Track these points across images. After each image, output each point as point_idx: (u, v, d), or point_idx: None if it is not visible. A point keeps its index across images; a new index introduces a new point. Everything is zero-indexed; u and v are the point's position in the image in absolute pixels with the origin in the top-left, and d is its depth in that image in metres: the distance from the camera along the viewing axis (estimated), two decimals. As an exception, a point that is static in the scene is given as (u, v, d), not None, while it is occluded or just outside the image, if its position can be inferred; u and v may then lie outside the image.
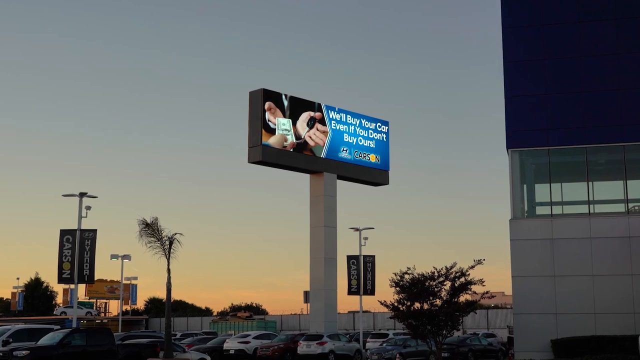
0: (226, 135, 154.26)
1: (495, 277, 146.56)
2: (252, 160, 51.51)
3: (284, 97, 52.56)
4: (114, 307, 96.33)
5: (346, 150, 55.63)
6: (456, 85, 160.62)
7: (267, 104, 51.37)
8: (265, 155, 50.97)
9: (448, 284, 34.21)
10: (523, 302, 31.46)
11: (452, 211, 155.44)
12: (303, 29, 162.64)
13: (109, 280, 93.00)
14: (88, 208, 40.70)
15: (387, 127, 59.06)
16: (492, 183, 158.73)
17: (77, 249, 39.58)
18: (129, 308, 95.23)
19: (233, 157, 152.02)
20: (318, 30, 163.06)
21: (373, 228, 53.99)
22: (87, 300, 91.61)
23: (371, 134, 57.68)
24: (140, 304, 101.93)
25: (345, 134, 55.80)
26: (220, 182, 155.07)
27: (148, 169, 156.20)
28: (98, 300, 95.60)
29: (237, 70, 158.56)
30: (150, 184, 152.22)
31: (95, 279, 43.89)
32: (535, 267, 31.44)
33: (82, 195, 40.52)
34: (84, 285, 75.91)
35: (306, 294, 70.81)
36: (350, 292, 54.25)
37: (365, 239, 53.67)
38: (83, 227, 40.28)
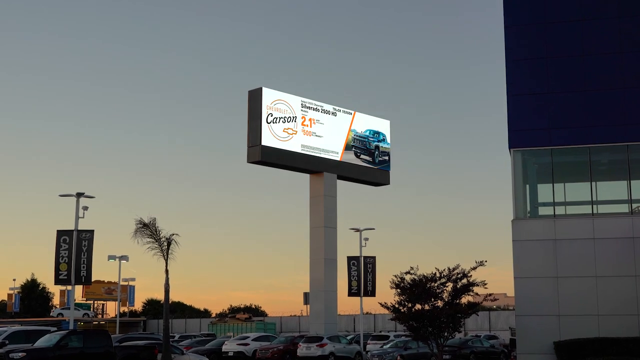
0: (226, 135, 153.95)
1: (497, 278, 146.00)
2: (251, 160, 51.23)
3: (283, 96, 52.23)
4: (112, 309, 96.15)
5: (347, 150, 55.29)
6: (456, 85, 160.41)
7: (266, 104, 51.04)
8: (264, 155, 50.66)
9: (450, 285, 33.95)
10: (525, 303, 31.11)
11: (454, 211, 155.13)
12: (303, 29, 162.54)
13: (106, 281, 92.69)
14: (85, 208, 40.33)
15: (387, 127, 58.77)
16: (494, 183, 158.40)
17: (74, 249, 39.19)
18: (126, 310, 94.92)
19: (233, 157, 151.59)
20: (318, 30, 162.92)
21: (373, 229, 53.69)
22: (84, 302, 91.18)
23: (372, 134, 57.37)
24: (138, 306, 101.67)
25: (345, 134, 55.46)
26: (219, 182, 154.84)
27: (147, 169, 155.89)
28: (95, 302, 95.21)
29: (237, 70, 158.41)
30: (149, 184, 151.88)
31: (93, 280, 43.56)
32: (538, 268, 31.09)
33: (79, 195, 40.18)
34: (81, 286, 75.26)
35: (306, 295, 70.45)
36: (350, 294, 53.95)
37: (366, 239, 53.38)
38: (80, 227, 39.92)
